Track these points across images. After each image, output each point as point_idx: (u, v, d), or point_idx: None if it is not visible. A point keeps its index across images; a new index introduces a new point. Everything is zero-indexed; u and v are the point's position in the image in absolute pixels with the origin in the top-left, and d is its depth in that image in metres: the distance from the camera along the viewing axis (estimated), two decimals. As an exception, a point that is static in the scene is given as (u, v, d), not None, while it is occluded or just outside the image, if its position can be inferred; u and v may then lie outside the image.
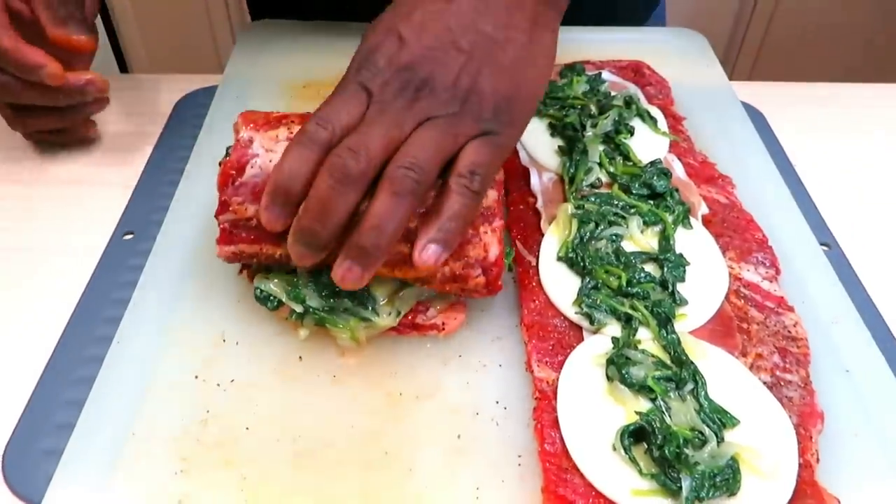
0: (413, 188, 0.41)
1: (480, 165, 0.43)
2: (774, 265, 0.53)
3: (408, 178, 0.41)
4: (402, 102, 0.42)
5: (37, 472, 0.43)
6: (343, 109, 0.43)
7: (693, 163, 0.62)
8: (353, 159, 0.40)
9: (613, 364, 0.45)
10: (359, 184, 0.41)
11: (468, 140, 0.43)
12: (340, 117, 0.42)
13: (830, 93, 0.78)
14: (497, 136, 0.44)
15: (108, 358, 0.48)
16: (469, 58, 0.44)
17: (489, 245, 0.46)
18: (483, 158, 0.43)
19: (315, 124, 0.42)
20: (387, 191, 0.41)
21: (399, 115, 0.42)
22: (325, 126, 0.42)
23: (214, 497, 0.41)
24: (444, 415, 0.46)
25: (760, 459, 0.41)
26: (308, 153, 0.41)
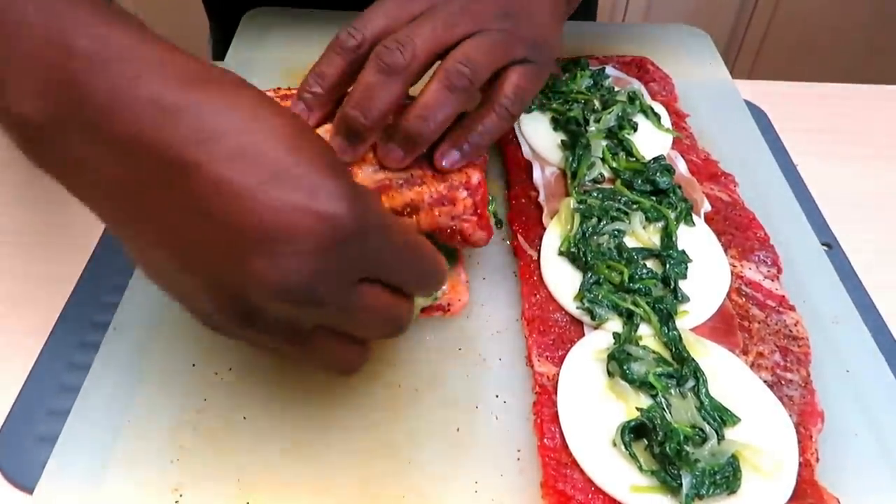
0: (466, 85, 0.41)
1: (523, 91, 0.44)
2: (776, 264, 0.53)
3: (462, 75, 0.41)
4: (454, 9, 0.42)
5: (31, 458, 0.43)
6: (379, 18, 0.43)
7: (696, 160, 0.61)
8: (399, 50, 0.40)
9: (614, 360, 0.45)
10: (403, 75, 0.41)
11: (513, 62, 0.44)
12: (374, 24, 0.42)
13: (833, 92, 0.77)
14: (538, 66, 0.45)
15: (105, 344, 0.47)
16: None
17: (470, 173, 0.46)
18: (526, 84, 0.44)
19: (346, 32, 0.42)
20: (440, 82, 0.41)
21: (452, 16, 0.42)
22: (354, 34, 0.42)
23: (210, 487, 0.41)
24: (443, 408, 0.45)
25: (761, 458, 0.41)
26: (335, 57, 0.42)
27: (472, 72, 0.41)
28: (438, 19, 0.42)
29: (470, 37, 0.43)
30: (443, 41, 0.42)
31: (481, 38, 0.43)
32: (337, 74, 0.43)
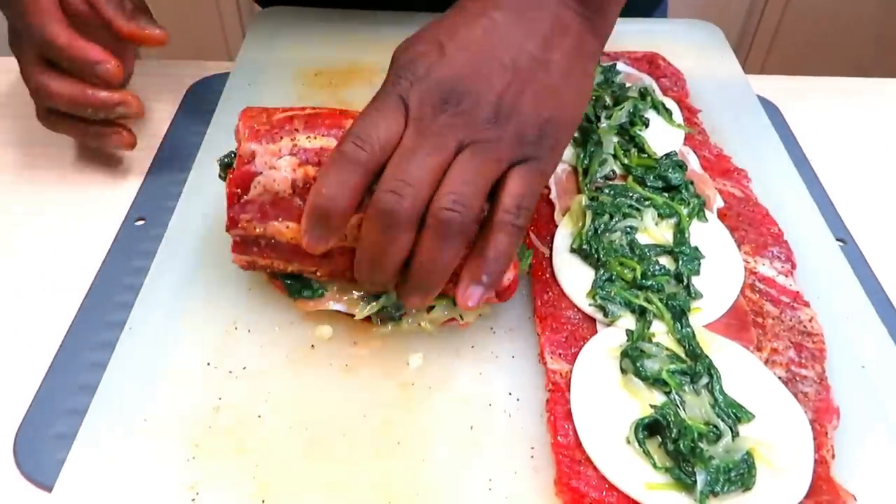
0: (459, 229, 0.40)
1: (526, 198, 0.41)
2: (790, 260, 0.53)
3: (453, 221, 0.39)
4: (442, 121, 0.40)
5: (48, 456, 0.43)
6: (381, 125, 0.41)
7: (708, 156, 0.61)
8: (398, 203, 0.39)
9: (628, 357, 0.45)
10: (408, 225, 0.40)
11: (511, 165, 0.41)
12: (378, 133, 0.40)
13: (846, 87, 0.77)
14: (539, 161, 0.42)
15: (120, 344, 0.48)
16: (513, 76, 0.42)
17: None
18: (527, 189, 0.42)
19: (352, 143, 0.40)
20: (433, 234, 0.40)
21: (439, 138, 0.40)
22: (362, 146, 0.40)
23: (226, 484, 0.41)
24: (456, 405, 0.46)
25: (776, 454, 0.41)
26: (347, 175, 0.40)
27: (462, 212, 0.39)
28: (427, 141, 0.40)
29: (459, 153, 0.41)
30: (438, 168, 0.40)
31: (469, 159, 0.40)
32: (351, 195, 0.41)
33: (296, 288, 0.49)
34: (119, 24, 0.57)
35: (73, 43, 0.55)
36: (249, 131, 0.45)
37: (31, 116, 0.68)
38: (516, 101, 0.42)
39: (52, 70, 0.56)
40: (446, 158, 0.40)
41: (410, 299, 0.43)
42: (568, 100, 0.44)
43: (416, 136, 0.40)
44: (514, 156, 0.41)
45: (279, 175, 0.44)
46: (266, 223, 0.45)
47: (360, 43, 0.75)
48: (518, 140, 0.41)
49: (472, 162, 0.40)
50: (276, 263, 0.47)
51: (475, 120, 0.41)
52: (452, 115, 0.40)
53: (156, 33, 0.58)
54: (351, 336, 0.49)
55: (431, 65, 0.41)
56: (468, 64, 0.42)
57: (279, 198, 0.44)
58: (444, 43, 0.42)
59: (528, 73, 0.42)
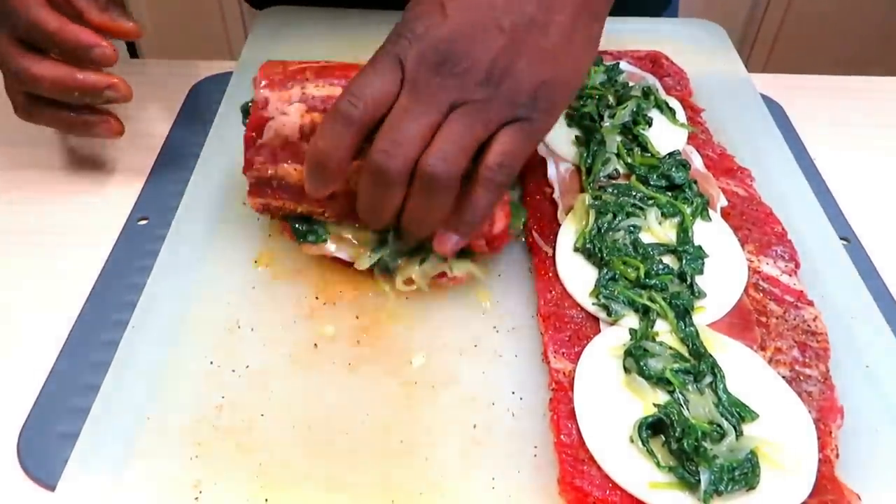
0: (444, 184, 0.42)
1: (509, 156, 0.43)
2: (794, 259, 0.53)
3: (438, 176, 0.42)
4: (436, 83, 0.42)
5: (52, 455, 0.43)
6: (376, 82, 0.42)
7: (711, 155, 0.61)
8: (389, 161, 0.42)
9: (631, 356, 0.45)
10: (398, 181, 0.43)
11: (501, 125, 0.43)
12: (373, 91, 0.42)
13: (850, 85, 0.77)
14: (530, 122, 0.43)
15: (124, 343, 0.48)
16: (509, 39, 0.42)
17: (495, 219, 0.48)
18: (513, 148, 0.43)
19: (347, 101, 0.42)
20: (420, 188, 0.43)
21: (432, 99, 0.42)
22: (356, 103, 0.42)
23: (229, 483, 0.41)
24: (459, 405, 0.45)
25: (780, 454, 0.40)
26: (340, 130, 0.42)
27: (445, 168, 0.41)
28: (420, 103, 0.42)
29: (451, 112, 0.42)
30: (429, 128, 0.42)
31: (459, 119, 0.42)
32: (344, 148, 0.43)
33: (301, 232, 0.51)
34: (91, 15, 0.56)
35: (65, 27, 0.53)
36: (266, 80, 0.48)
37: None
38: (511, 64, 0.42)
39: (33, 53, 0.55)
40: (438, 119, 0.42)
41: (400, 245, 0.49)
42: (567, 63, 0.45)
43: (410, 97, 0.42)
44: (504, 117, 0.43)
45: (289, 120, 0.47)
46: (277, 165, 0.48)
47: (362, 42, 0.74)
48: (509, 102, 0.42)
49: (460, 122, 0.42)
50: (287, 204, 0.50)
51: (468, 82, 0.42)
52: (447, 77, 0.42)
53: (128, 25, 0.57)
54: (354, 335, 0.49)
55: (431, 25, 0.42)
56: (467, 25, 0.42)
57: (288, 142, 0.47)
58: (445, 3, 0.43)
59: (526, 35, 0.43)
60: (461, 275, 0.51)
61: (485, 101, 0.42)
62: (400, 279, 0.51)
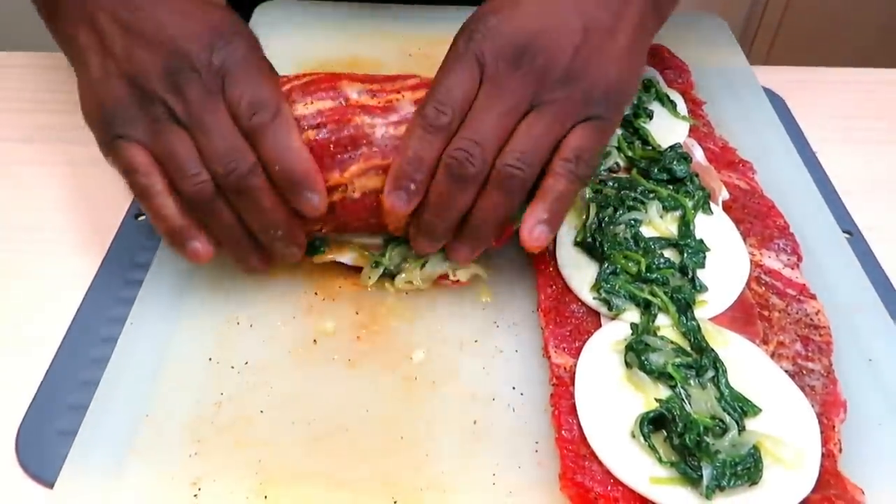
0: (521, 185, 0.43)
1: (586, 151, 0.44)
2: (796, 252, 0.52)
3: (517, 177, 0.43)
4: (515, 79, 0.42)
5: (51, 453, 0.43)
6: (460, 86, 0.43)
7: (713, 148, 0.61)
8: (471, 161, 0.42)
9: (632, 350, 0.44)
10: (475, 182, 0.43)
11: (575, 123, 0.44)
12: (457, 97, 0.43)
13: (852, 77, 0.76)
14: (602, 121, 0.45)
15: (122, 339, 0.48)
16: (584, 39, 0.44)
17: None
18: (589, 143, 0.44)
19: (434, 109, 0.43)
20: (497, 188, 0.43)
21: (512, 96, 0.42)
22: (443, 110, 0.43)
23: (229, 480, 0.41)
24: (460, 400, 0.45)
25: (782, 448, 0.40)
26: (431, 139, 0.43)
27: (525, 171, 0.43)
28: (500, 102, 0.43)
29: (528, 114, 0.43)
30: (508, 128, 0.43)
31: (537, 120, 0.43)
32: (434, 159, 0.44)
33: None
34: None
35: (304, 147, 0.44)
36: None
37: (33, 112, 0.68)
38: (586, 64, 0.44)
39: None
40: (517, 118, 0.43)
41: (461, 251, 0.47)
42: (631, 67, 0.47)
43: (490, 94, 0.43)
44: (580, 115, 0.44)
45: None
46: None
47: (361, 37, 0.74)
48: (584, 102, 0.44)
49: (538, 123, 0.43)
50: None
51: (547, 79, 0.43)
52: (526, 73, 0.43)
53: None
54: (353, 330, 0.49)
55: (505, 18, 0.44)
56: (542, 21, 0.43)
57: None
58: (522, 1, 0.44)
59: (598, 39, 0.44)
60: (465, 279, 0.51)
61: (562, 100, 0.43)
62: (401, 281, 0.51)
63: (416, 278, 0.50)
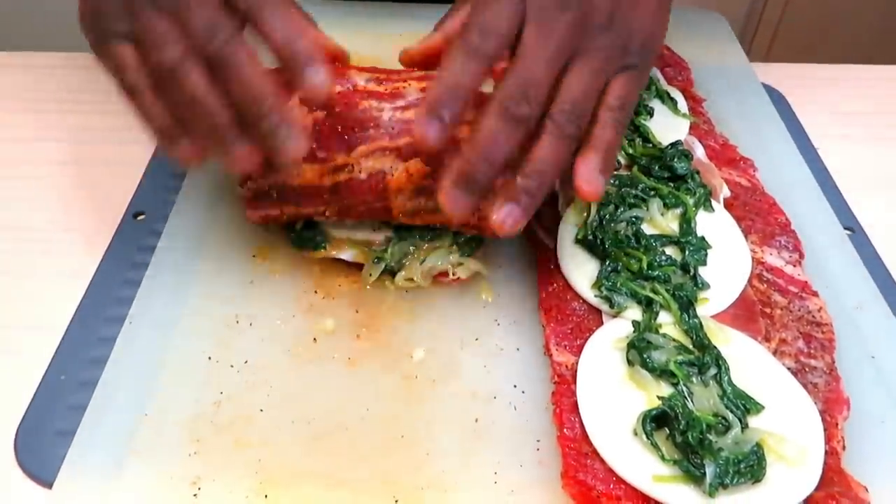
0: (575, 132, 0.43)
1: (629, 100, 0.45)
2: (798, 249, 0.52)
3: (570, 124, 0.42)
4: (562, 26, 0.42)
5: (50, 453, 0.43)
6: (504, 19, 0.41)
7: (714, 145, 0.60)
8: (525, 103, 0.41)
9: (634, 348, 0.44)
10: (527, 124, 0.41)
11: (616, 72, 0.44)
12: (502, 26, 0.41)
13: (852, 74, 0.76)
14: (638, 70, 0.45)
15: (121, 339, 0.47)
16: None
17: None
18: (629, 93, 0.45)
19: (478, 35, 0.41)
20: (552, 134, 0.42)
21: (559, 41, 0.42)
22: (488, 38, 0.41)
23: (228, 479, 0.41)
24: (461, 398, 0.45)
25: (786, 446, 0.40)
26: (474, 67, 0.41)
27: (578, 118, 0.43)
28: (548, 47, 0.42)
29: (573, 60, 0.43)
30: (557, 72, 0.42)
31: (585, 70, 0.43)
32: (475, 85, 0.42)
33: (300, 241, 0.51)
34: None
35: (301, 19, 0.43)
36: None
37: (31, 112, 0.68)
38: (627, 13, 0.44)
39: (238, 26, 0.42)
40: (563, 63, 0.43)
41: (511, 213, 0.42)
42: (662, 22, 0.48)
43: (538, 38, 0.42)
44: (620, 64, 0.44)
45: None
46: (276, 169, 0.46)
47: (359, 35, 0.74)
48: (624, 50, 0.44)
49: (585, 71, 0.43)
50: (287, 210, 0.49)
51: (591, 25, 0.43)
52: (572, 18, 0.42)
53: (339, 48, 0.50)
54: (353, 329, 0.49)
55: None
56: None
57: None
58: None
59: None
60: (465, 276, 0.50)
61: (605, 48, 0.43)
62: (401, 278, 0.51)
63: (417, 275, 0.50)
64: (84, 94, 0.70)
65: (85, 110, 0.68)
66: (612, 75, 0.44)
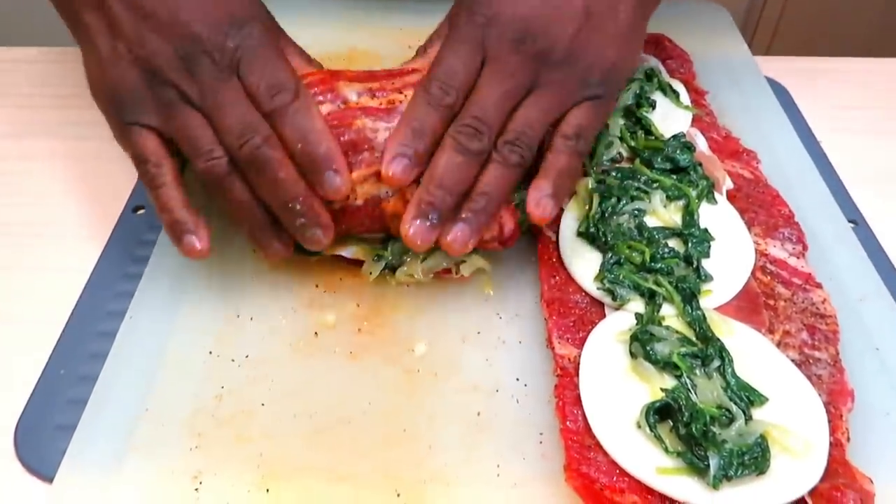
0: (521, 161, 0.44)
1: (585, 129, 0.46)
2: (801, 241, 0.52)
3: (516, 153, 0.44)
4: (516, 61, 0.44)
5: (50, 448, 0.43)
6: (462, 69, 0.44)
7: (716, 137, 0.60)
8: (478, 139, 0.43)
9: (637, 340, 0.44)
10: (479, 157, 0.44)
11: (574, 103, 0.46)
12: (461, 79, 0.44)
13: (856, 67, 0.76)
14: (600, 100, 0.46)
15: (121, 333, 0.47)
16: (585, 21, 0.45)
17: (504, 222, 0.48)
18: (587, 122, 0.46)
19: (439, 88, 0.44)
20: (497, 163, 0.44)
21: (513, 80, 0.44)
22: (448, 91, 0.44)
23: (230, 474, 0.41)
24: (463, 392, 0.45)
25: (790, 438, 0.40)
26: (435, 116, 0.44)
27: (526, 148, 0.44)
28: (503, 83, 0.44)
29: (529, 94, 0.44)
30: (511, 107, 0.44)
31: (537, 101, 0.44)
32: (435, 134, 0.44)
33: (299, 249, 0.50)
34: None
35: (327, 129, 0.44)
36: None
37: (30, 107, 0.68)
38: (586, 46, 0.45)
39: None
40: (518, 98, 0.44)
41: (462, 232, 0.44)
42: (630, 48, 0.48)
43: (493, 77, 0.44)
44: (578, 96, 0.46)
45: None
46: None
47: (359, 29, 0.74)
48: (583, 82, 0.45)
49: (538, 104, 0.44)
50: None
51: (547, 60, 0.44)
52: (527, 56, 0.44)
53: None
54: (355, 323, 0.48)
55: (505, 4, 0.44)
56: (542, 5, 0.44)
57: None
58: None
59: (599, 20, 0.46)
60: (468, 274, 0.50)
61: (561, 81, 0.45)
62: (402, 273, 0.50)
63: (418, 272, 0.50)
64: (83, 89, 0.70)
65: (84, 105, 0.67)
66: (570, 106, 0.46)
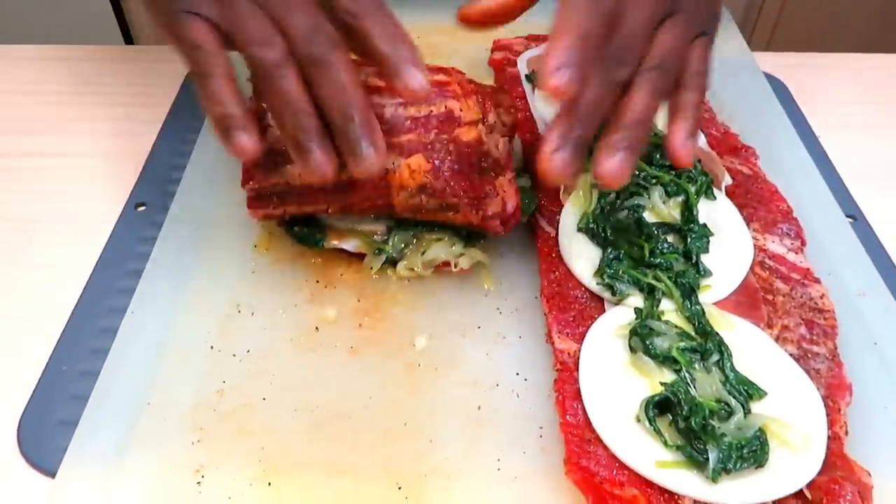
0: (667, 87, 0.44)
1: (706, 64, 0.46)
2: (800, 236, 0.52)
3: (663, 79, 0.44)
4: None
5: (52, 443, 0.43)
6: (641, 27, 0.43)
7: (715, 133, 0.60)
8: (625, 66, 0.43)
9: (637, 335, 0.44)
10: (627, 78, 0.43)
11: (697, 35, 0.46)
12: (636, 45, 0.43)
13: (854, 63, 0.76)
14: (710, 36, 0.47)
15: (123, 329, 0.47)
16: None
17: (507, 198, 0.48)
18: (707, 58, 0.46)
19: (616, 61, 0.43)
20: (646, 89, 0.43)
21: (657, 8, 0.43)
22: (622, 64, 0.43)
23: (231, 467, 0.41)
24: (463, 386, 0.45)
25: (788, 431, 0.40)
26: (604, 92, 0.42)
27: (669, 74, 0.44)
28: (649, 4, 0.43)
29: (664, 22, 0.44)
30: (649, 37, 0.43)
31: (673, 32, 0.44)
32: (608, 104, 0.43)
33: (301, 238, 0.51)
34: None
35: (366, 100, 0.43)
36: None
37: (33, 102, 0.68)
38: None
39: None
40: (657, 23, 0.44)
41: (623, 162, 0.42)
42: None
43: (634, 9, 0.43)
44: (698, 31, 0.46)
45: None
46: (278, 173, 0.47)
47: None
48: (701, 19, 0.46)
49: (675, 30, 0.44)
50: (290, 209, 0.49)
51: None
52: None
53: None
54: (355, 318, 0.49)
55: None
56: None
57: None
58: None
59: None
60: (467, 266, 0.50)
61: (695, 9, 0.45)
62: (403, 267, 0.51)
63: (418, 265, 0.50)
64: (85, 86, 0.70)
65: (86, 102, 0.68)
66: (692, 39, 0.45)
